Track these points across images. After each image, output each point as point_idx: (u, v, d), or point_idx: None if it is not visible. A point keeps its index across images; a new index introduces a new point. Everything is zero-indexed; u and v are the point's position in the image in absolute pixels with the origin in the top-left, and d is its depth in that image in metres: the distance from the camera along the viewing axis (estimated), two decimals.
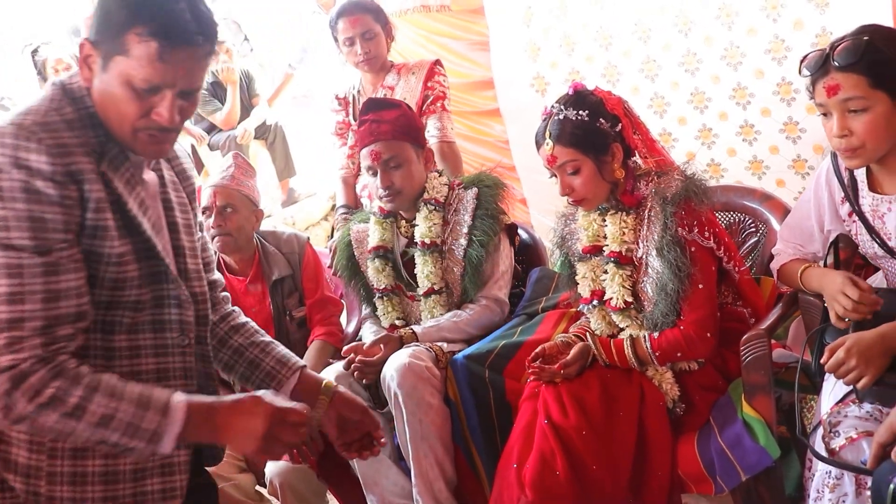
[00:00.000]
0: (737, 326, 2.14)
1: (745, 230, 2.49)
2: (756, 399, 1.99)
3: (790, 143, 3.33)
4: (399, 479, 2.37)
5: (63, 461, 1.44)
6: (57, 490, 1.44)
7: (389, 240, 2.62)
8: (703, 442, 2.03)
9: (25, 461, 1.43)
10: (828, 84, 1.76)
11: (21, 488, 1.43)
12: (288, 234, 2.91)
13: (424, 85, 3.14)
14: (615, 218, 2.14)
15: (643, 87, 3.67)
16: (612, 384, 2.10)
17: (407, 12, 4.25)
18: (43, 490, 1.43)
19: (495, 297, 2.53)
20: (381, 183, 2.50)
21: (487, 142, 4.33)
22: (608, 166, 2.09)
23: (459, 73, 4.24)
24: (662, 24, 3.50)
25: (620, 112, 2.11)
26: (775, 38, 3.20)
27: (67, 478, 1.44)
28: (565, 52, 3.86)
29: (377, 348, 2.42)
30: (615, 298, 2.14)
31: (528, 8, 3.90)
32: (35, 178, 1.32)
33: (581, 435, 1.98)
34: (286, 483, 2.46)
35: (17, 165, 1.31)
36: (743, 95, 3.38)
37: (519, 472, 2.01)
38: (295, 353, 2.65)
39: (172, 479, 1.54)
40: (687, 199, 2.01)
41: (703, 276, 2.02)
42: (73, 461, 1.44)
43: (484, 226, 2.50)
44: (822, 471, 1.74)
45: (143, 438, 1.37)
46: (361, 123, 2.55)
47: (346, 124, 3.29)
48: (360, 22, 3.11)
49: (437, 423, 2.27)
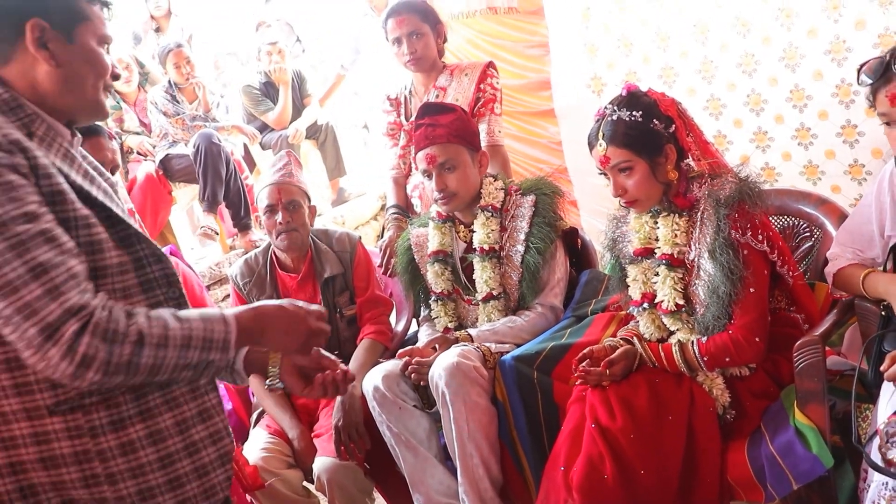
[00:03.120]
0: (790, 332, 2.11)
1: (800, 235, 2.44)
2: (809, 406, 1.95)
3: (847, 147, 3.27)
4: (445, 479, 2.38)
5: (106, 436, 1.44)
6: (112, 465, 1.44)
7: (449, 244, 2.64)
8: (753, 448, 2.00)
9: (71, 450, 1.43)
10: (891, 92, 1.72)
11: (77, 477, 1.43)
12: (340, 232, 2.94)
13: (477, 87, 3.15)
14: (667, 220, 2.12)
15: (699, 88, 3.63)
16: (661, 388, 2.08)
17: (474, 14, 4.26)
18: (100, 470, 1.43)
19: (551, 305, 2.54)
20: (436, 185, 2.52)
21: (540, 143, 4.32)
22: (661, 168, 2.07)
23: (516, 74, 4.25)
24: (720, 25, 3.47)
25: (674, 113, 2.09)
26: (836, 38, 3.14)
27: (117, 450, 1.44)
28: (623, 52, 3.84)
29: (432, 349, 2.44)
30: (666, 301, 2.13)
31: (587, 8, 3.89)
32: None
33: (629, 438, 1.97)
34: (333, 480, 2.48)
35: None
36: (800, 98, 3.32)
37: (566, 475, 2.00)
38: (345, 351, 2.72)
39: (213, 422, 1.56)
40: (740, 201, 1.98)
41: (755, 280, 1.99)
42: (116, 434, 1.44)
43: (541, 233, 2.51)
44: (878, 482, 1.70)
45: (218, 349, 1.44)
46: (417, 127, 2.58)
47: (398, 125, 3.31)
48: (406, 22, 3.13)
49: (483, 423, 2.28)
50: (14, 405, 1.40)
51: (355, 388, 2.51)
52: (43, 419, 1.41)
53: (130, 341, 1.34)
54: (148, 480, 1.46)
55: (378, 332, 2.75)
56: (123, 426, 1.45)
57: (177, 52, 5.08)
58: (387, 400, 2.40)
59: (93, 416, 1.43)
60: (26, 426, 1.41)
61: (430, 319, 2.73)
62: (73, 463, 1.43)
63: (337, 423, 2.45)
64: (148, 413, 1.47)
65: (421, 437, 2.41)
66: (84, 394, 1.41)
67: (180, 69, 5.07)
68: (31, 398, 1.40)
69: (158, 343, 1.37)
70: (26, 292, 1.29)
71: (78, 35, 1.46)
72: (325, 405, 2.73)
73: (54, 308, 1.30)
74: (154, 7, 6.14)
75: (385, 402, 2.40)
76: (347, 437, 2.44)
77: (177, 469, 1.49)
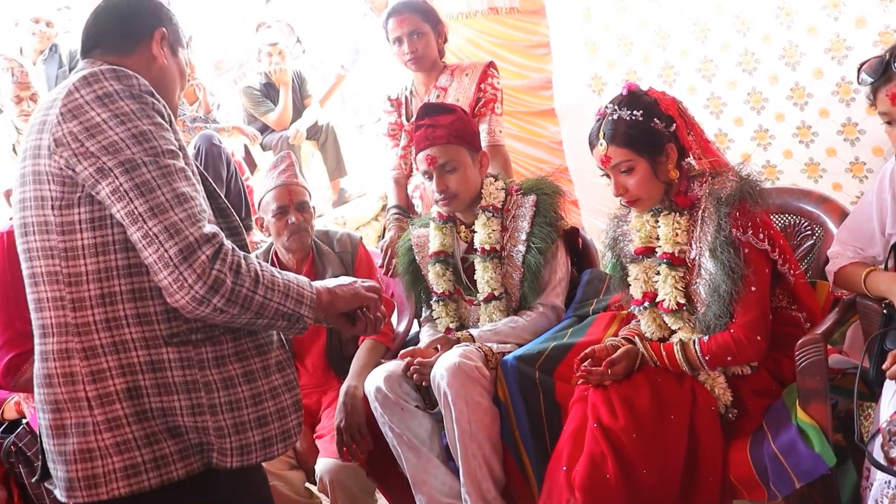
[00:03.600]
0: (792, 331, 2.11)
1: (801, 233, 2.44)
2: (811, 405, 1.95)
3: (848, 144, 3.27)
4: (447, 479, 2.38)
5: (211, 370, 1.57)
6: (215, 397, 1.57)
7: (450, 245, 2.64)
8: (755, 447, 2.00)
9: (182, 379, 1.55)
10: (891, 91, 1.71)
11: (186, 405, 1.55)
12: (341, 233, 2.94)
13: (477, 87, 3.15)
14: (668, 219, 2.12)
15: (700, 87, 3.63)
16: (663, 387, 2.08)
17: (476, 14, 4.26)
18: (205, 400, 1.56)
19: (552, 304, 2.54)
20: (437, 187, 2.52)
21: (540, 143, 4.32)
22: (662, 167, 2.07)
23: (516, 74, 4.25)
24: (720, 24, 3.47)
25: (675, 112, 2.09)
26: (836, 36, 3.14)
27: (220, 384, 1.58)
28: (623, 51, 3.84)
29: (434, 350, 2.44)
30: (667, 300, 2.13)
31: (587, 7, 3.89)
32: (146, 97, 1.55)
33: (631, 437, 1.97)
34: (336, 480, 2.48)
35: (131, 94, 1.54)
36: (801, 96, 3.32)
37: (569, 475, 2.00)
38: (346, 352, 2.73)
39: (286, 373, 1.71)
40: (741, 200, 1.98)
41: (756, 279, 1.99)
42: (219, 369, 1.58)
43: (542, 233, 2.50)
44: (880, 480, 1.70)
45: (307, 305, 1.60)
46: (417, 128, 2.57)
47: (399, 125, 3.31)
48: (407, 21, 3.13)
49: (485, 423, 2.28)
50: (135, 334, 1.53)
51: (357, 389, 2.51)
52: (159, 348, 1.54)
53: (251, 276, 1.51)
54: (242, 415, 1.60)
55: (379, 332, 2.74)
56: (224, 363, 1.59)
57: None
58: (389, 400, 2.40)
59: (201, 349, 1.57)
60: (144, 354, 1.53)
61: (431, 320, 2.72)
62: (184, 391, 1.56)
63: (339, 423, 2.46)
64: (243, 354, 1.62)
65: (423, 437, 2.40)
66: (193, 328, 1.56)
67: None
68: (150, 328, 1.54)
69: (269, 285, 1.53)
70: (173, 214, 1.46)
71: (180, 53, 1.79)
72: (326, 406, 2.73)
73: (193, 231, 1.47)
74: None
75: (387, 402, 2.40)
76: (349, 438, 2.44)
77: (265, 408, 1.63)
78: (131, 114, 1.51)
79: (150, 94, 1.57)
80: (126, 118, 1.50)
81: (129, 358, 1.53)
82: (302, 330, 1.64)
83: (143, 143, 1.49)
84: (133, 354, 1.53)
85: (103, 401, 1.53)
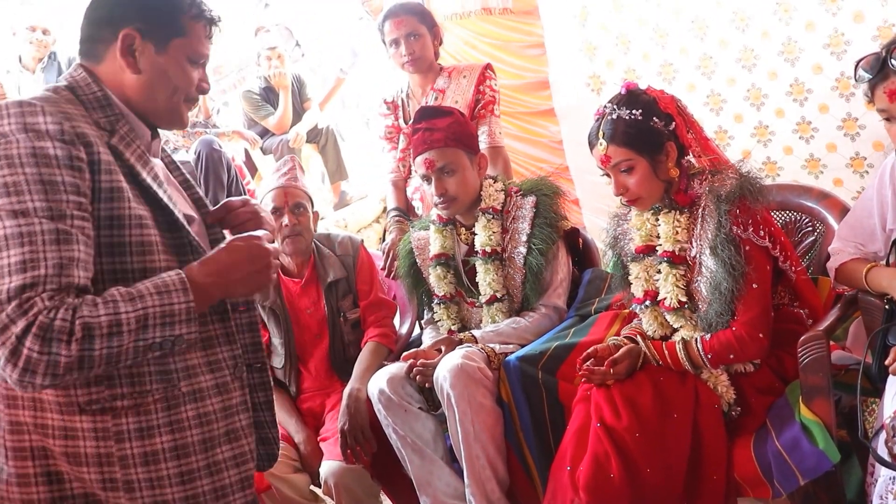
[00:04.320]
0: (794, 328, 2.10)
1: (802, 230, 2.44)
2: (814, 402, 1.95)
3: (848, 140, 3.27)
4: (452, 480, 2.38)
5: (131, 443, 1.43)
6: (132, 473, 1.43)
7: (450, 247, 2.64)
8: (759, 445, 2.00)
9: (95, 450, 1.42)
10: (889, 88, 1.71)
11: (96, 479, 1.43)
12: (342, 236, 2.94)
13: (476, 89, 3.15)
14: (668, 217, 2.12)
15: (699, 84, 3.63)
16: (666, 386, 2.08)
17: (469, 15, 4.27)
18: (119, 475, 1.43)
19: (554, 305, 2.54)
20: (436, 190, 2.52)
21: (541, 142, 4.32)
22: (662, 165, 2.07)
23: (513, 74, 4.25)
24: (719, 21, 3.46)
25: (674, 111, 2.09)
26: (834, 31, 3.13)
27: (139, 459, 1.43)
28: (621, 50, 3.84)
29: (436, 351, 2.44)
30: (669, 298, 2.12)
31: (583, 7, 3.89)
32: (44, 140, 1.34)
33: (634, 437, 1.97)
34: (340, 483, 2.48)
35: (25, 129, 1.34)
36: (800, 91, 3.32)
37: (572, 475, 2.00)
38: (349, 355, 2.73)
39: (240, 444, 1.55)
40: (742, 197, 1.98)
41: (757, 276, 1.99)
42: (141, 441, 1.43)
43: (543, 234, 2.50)
44: (885, 476, 1.70)
45: (182, 322, 1.38)
46: (415, 132, 2.57)
47: (396, 128, 3.31)
48: (404, 23, 3.13)
49: (489, 424, 2.27)
50: (50, 396, 1.41)
51: (360, 391, 2.51)
52: (73, 415, 1.41)
53: (76, 339, 1.28)
54: (164, 494, 1.45)
55: (382, 335, 2.75)
56: (150, 435, 1.44)
57: None
58: (392, 403, 2.40)
59: (121, 420, 1.42)
60: (58, 419, 1.42)
61: (433, 322, 2.72)
62: (95, 464, 1.43)
63: (342, 426, 2.46)
64: (178, 425, 1.46)
65: (427, 439, 2.40)
66: (118, 395, 1.42)
67: None
68: (65, 392, 1.41)
69: (109, 332, 1.31)
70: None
71: (171, 48, 1.55)
72: (330, 409, 2.73)
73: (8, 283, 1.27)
74: None
75: (390, 404, 2.40)
76: (353, 441, 2.44)
77: (195, 487, 1.48)
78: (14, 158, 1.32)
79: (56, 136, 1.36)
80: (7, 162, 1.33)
81: (44, 419, 1.43)
82: (187, 345, 1.43)
83: (10, 197, 1.31)
84: (48, 416, 1.42)
85: (17, 454, 1.44)
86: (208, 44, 1.62)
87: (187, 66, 1.58)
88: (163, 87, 1.56)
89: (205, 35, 1.60)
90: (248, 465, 1.56)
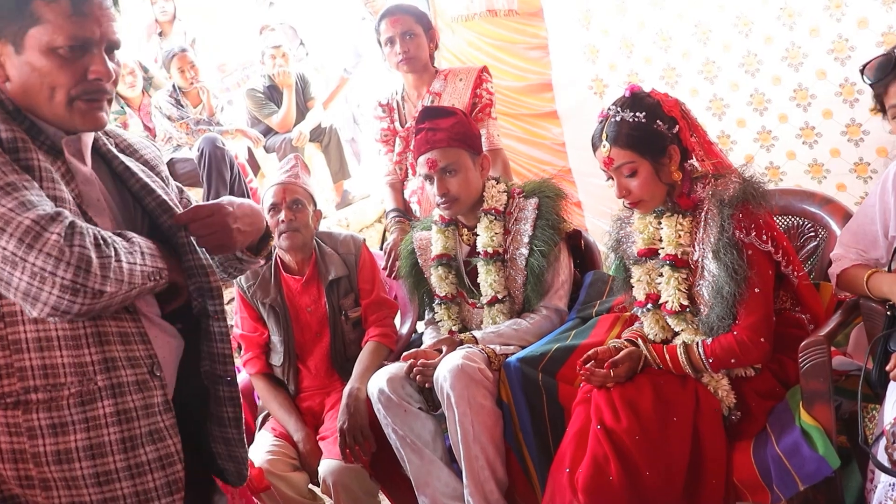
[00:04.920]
0: (795, 332, 2.10)
1: (804, 235, 2.44)
2: (815, 407, 1.94)
3: (852, 145, 3.26)
4: (451, 481, 2.38)
5: (44, 440, 1.36)
6: (46, 471, 1.37)
7: (452, 248, 2.64)
8: (759, 449, 2.00)
9: (9, 446, 1.36)
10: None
11: (12, 475, 1.37)
12: (344, 235, 2.94)
13: (473, 92, 3.15)
14: (671, 220, 2.12)
15: (702, 88, 3.63)
16: (666, 389, 2.07)
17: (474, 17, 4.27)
18: (34, 473, 1.37)
19: (555, 307, 2.54)
20: (438, 190, 2.52)
21: (543, 144, 4.33)
22: (665, 168, 2.07)
23: (516, 76, 4.25)
24: (722, 25, 3.46)
25: (677, 114, 2.09)
26: (839, 37, 3.13)
27: (52, 457, 1.37)
28: (624, 53, 3.84)
29: (437, 352, 2.44)
30: (671, 302, 2.12)
31: (586, 10, 3.89)
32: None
33: (634, 440, 1.96)
34: (339, 482, 2.48)
35: None
36: (804, 97, 3.32)
37: (571, 477, 2.00)
38: (350, 354, 2.72)
39: (165, 444, 1.46)
40: (744, 201, 1.98)
41: (759, 280, 1.98)
42: (55, 438, 1.36)
43: (545, 236, 2.50)
44: (885, 482, 1.70)
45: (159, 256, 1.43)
46: (418, 132, 2.57)
47: (392, 131, 3.30)
48: (401, 22, 3.14)
49: (488, 425, 2.27)
50: None
51: (360, 390, 2.51)
52: None
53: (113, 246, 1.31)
54: (81, 495, 1.38)
55: (383, 334, 2.75)
56: (65, 432, 1.36)
57: (181, 57, 5.10)
58: (392, 402, 2.40)
59: (32, 415, 1.36)
60: None
61: (434, 322, 2.72)
62: (10, 460, 1.37)
63: (342, 425, 2.46)
64: (94, 422, 1.38)
65: (426, 439, 2.40)
66: (31, 388, 1.35)
67: (184, 73, 5.09)
68: None
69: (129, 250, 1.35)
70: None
71: (28, 43, 1.34)
72: (330, 408, 2.73)
73: (28, 215, 1.24)
74: (160, 12, 6.15)
75: (390, 404, 2.40)
76: (353, 440, 2.44)
77: (114, 489, 1.39)
78: None
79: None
80: None
81: None
82: (163, 284, 1.42)
83: None
84: None
85: None
86: (84, 22, 1.35)
87: (55, 57, 1.34)
88: (36, 89, 1.36)
89: (71, 13, 1.34)
90: (176, 468, 1.46)
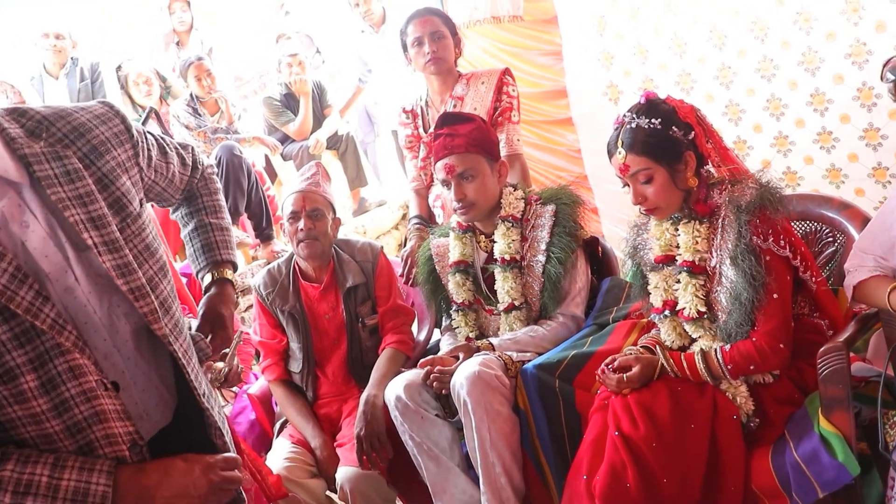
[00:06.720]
0: (814, 338, 2.09)
1: (823, 240, 2.42)
2: (834, 413, 1.93)
3: (870, 150, 3.25)
4: (468, 488, 2.38)
5: None
6: None
7: (470, 255, 2.65)
8: (777, 456, 1.99)
9: None
10: None
11: None
12: (362, 242, 2.95)
13: (495, 95, 3.16)
14: (688, 227, 2.12)
15: (718, 94, 3.62)
16: (684, 396, 2.07)
17: (478, 23, 4.28)
18: None
19: (572, 314, 2.54)
20: (455, 195, 2.53)
21: (559, 151, 4.33)
22: (681, 175, 2.07)
23: (531, 83, 4.25)
24: (738, 30, 3.45)
25: (693, 120, 2.09)
26: (856, 41, 3.12)
27: None
28: (639, 60, 3.83)
29: (454, 358, 2.45)
30: (688, 308, 2.12)
31: (601, 17, 3.89)
32: None
33: (651, 447, 1.96)
34: (356, 489, 2.49)
35: None
36: (821, 101, 3.30)
37: (589, 484, 2.00)
38: (367, 361, 2.73)
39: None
40: (762, 207, 1.97)
41: (777, 286, 1.98)
42: None
43: (562, 243, 2.51)
44: None
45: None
46: (436, 137, 2.59)
47: (417, 137, 3.32)
48: (429, 23, 3.17)
49: (505, 432, 2.27)
50: None
51: (377, 397, 2.52)
52: None
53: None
54: None
55: (400, 341, 2.75)
56: None
57: (198, 65, 5.14)
58: (409, 409, 2.41)
59: None
60: None
61: (451, 329, 2.73)
62: None
63: (359, 432, 2.46)
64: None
65: (443, 446, 2.41)
66: None
67: (201, 82, 5.13)
68: None
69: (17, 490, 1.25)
70: None
71: None
72: (347, 414, 2.74)
73: None
74: (178, 22, 6.21)
75: (407, 411, 2.41)
76: (370, 447, 2.45)
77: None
78: None
79: None
80: None
81: None
82: None
83: None
84: None
85: None
86: None
87: None
88: None
89: None
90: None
